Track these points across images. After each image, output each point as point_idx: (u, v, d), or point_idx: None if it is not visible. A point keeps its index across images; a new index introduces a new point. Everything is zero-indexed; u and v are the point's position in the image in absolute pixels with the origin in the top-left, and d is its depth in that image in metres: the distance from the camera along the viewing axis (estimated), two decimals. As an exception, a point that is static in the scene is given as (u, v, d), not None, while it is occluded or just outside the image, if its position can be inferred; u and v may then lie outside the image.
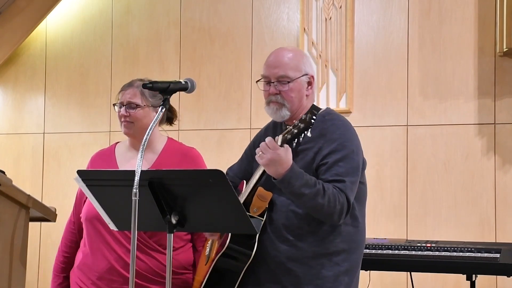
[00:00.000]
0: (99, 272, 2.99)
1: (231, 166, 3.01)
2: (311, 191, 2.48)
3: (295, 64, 2.70)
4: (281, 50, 2.79)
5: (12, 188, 2.44)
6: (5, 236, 2.40)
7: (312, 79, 2.74)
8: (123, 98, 3.06)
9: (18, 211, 2.44)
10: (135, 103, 3.04)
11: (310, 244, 2.59)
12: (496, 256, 3.34)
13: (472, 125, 4.41)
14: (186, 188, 2.35)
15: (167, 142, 3.13)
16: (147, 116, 3.05)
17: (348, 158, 2.59)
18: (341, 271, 2.61)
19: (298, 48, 2.89)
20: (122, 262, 2.95)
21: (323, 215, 2.54)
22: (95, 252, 3.01)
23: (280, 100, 2.69)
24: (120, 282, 2.96)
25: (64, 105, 5.46)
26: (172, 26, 5.18)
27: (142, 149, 2.31)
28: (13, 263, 2.40)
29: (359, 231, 2.69)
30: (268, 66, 2.74)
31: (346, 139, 2.63)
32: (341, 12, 4.70)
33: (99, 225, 2.98)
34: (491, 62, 4.38)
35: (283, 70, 2.69)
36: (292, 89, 2.68)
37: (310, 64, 2.76)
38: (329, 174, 2.57)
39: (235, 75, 4.99)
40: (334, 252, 2.61)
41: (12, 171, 5.38)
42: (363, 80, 4.66)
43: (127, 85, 3.10)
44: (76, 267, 3.09)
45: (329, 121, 2.66)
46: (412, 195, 4.51)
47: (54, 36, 5.51)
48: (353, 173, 2.59)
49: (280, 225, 2.61)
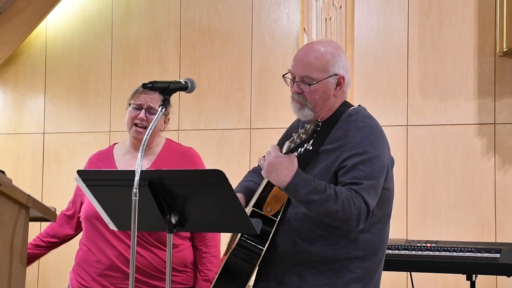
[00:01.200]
0: (99, 269, 3.00)
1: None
2: (321, 197, 2.37)
3: (321, 64, 2.55)
4: (311, 46, 2.64)
5: (12, 188, 2.44)
6: (5, 236, 2.40)
7: (342, 80, 2.57)
8: (143, 101, 3.01)
9: (18, 211, 2.44)
10: (155, 109, 3.00)
11: (321, 249, 2.50)
12: (496, 256, 3.33)
13: (472, 125, 4.41)
14: (186, 188, 2.34)
15: (165, 143, 3.14)
16: (160, 123, 3.06)
17: (369, 162, 2.45)
18: (354, 278, 2.52)
19: (333, 44, 2.65)
20: (122, 258, 2.96)
21: (339, 221, 2.41)
22: (96, 250, 3.02)
23: (302, 100, 2.57)
24: (121, 278, 2.97)
25: (64, 105, 5.45)
26: (172, 26, 5.18)
27: (142, 149, 2.31)
28: (13, 263, 2.41)
29: (376, 238, 2.56)
30: (295, 63, 2.59)
31: (369, 143, 2.49)
32: (341, 12, 4.70)
33: (98, 223, 2.99)
34: (491, 62, 4.38)
35: (307, 70, 2.54)
36: (316, 91, 2.54)
37: (342, 63, 2.58)
38: (348, 177, 2.44)
39: (235, 75, 4.99)
40: (347, 258, 2.51)
41: (12, 171, 5.38)
42: (363, 80, 4.66)
43: (144, 89, 3.02)
44: (76, 264, 3.10)
45: (352, 123, 2.54)
46: (412, 195, 4.51)
47: (54, 36, 5.51)
48: (373, 178, 2.45)
49: (291, 227, 2.53)
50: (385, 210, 2.60)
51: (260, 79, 4.91)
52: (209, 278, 3.07)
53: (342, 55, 2.61)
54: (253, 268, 2.54)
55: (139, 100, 3.02)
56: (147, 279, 2.96)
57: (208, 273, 3.07)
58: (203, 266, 3.09)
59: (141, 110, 3.01)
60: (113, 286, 2.98)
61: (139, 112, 3.01)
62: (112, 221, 2.57)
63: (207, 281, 3.07)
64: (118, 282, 2.98)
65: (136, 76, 5.17)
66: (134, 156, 3.05)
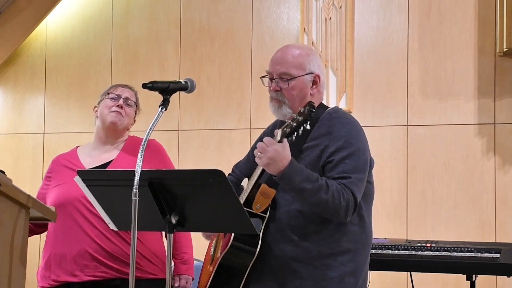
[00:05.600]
0: (71, 259, 3.00)
1: (237, 163, 2.97)
2: (313, 186, 2.45)
3: (299, 62, 2.66)
4: (287, 47, 2.76)
5: (12, 188, 2.44)
6: (5, 236, 2.39)
7: (317, 78, 2.69)
8: (121, 92, 3.15)
9: (18, 211, 2.44)
10: (132, 102, 3.16)
11: (314, 244, 2.56)
12: (496, 256, 3.33)
13: (472, 125, 4.41)
14: (186, 188, 2.35)
15: (128, 138, 3.22)
16: (131, 119, 3.20)
17: (355, 156, 2.55)
18: (347, 272, 2.58)
19: (308, 46, 2.85)
20: (95, 246, 2.97)
21: (329, 212, 2.50)
22: (67, 239, 3.01)
23: (280, 98, 2.66)
24: (94, 267, 2.98)
25: (64, 105, 5.45)
26: (172, 26, 5.18)
27: (142, 149, 2.32)
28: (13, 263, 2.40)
29: (365, 231, 2.65)
30: (272, 63, 2.71)
31: (353, 136, 2.59)
32: (341, 12, 4.70)
33: (72, 209, 3.00)
34: (491, 62, 4.38)
35: (285, 67, 2.66)
36: (293, 87, 2.65)
37: (317, 62, 2.71)
38: (335, 172, 2.53)
39: (235, 75, 4.99)
40: (339, 252, 2.57)
41: (12, 171, 5.38)
42: (363, 80, 4.66)
43: (120, 84, 3.21)
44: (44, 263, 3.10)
45: (335, 119, 2.64)
46: (412, 195, 4.51)
47: (54, 36, 5.51)
48: (359, 171, 2.55)
49: (284, 225, 2.57)
50: (370, 204, 2.70)
51: (260, 79, 4.90)
52: (186, 260, 3.13)
53: (317, 56, 2.76)
54: (247, 267, 2.56)
55: (117, 91, 3.16)
56: (121, 267, 2.97)
57: (184, 256, 3.14)
58: (178, 250, 3.13)
59: (119, 99, 3.13)
60: (87, 275, 2.99)
61: (117, 101, 3.13)
62: (112, 221, 2.57)
63: (185, 263, 3.13)
64: (91, 271, 2.98)
65: (136, 76, 5.16)
66: (103, 151, 3.17)
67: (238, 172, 2.90)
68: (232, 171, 2.95)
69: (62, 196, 3.05)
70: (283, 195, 2.59)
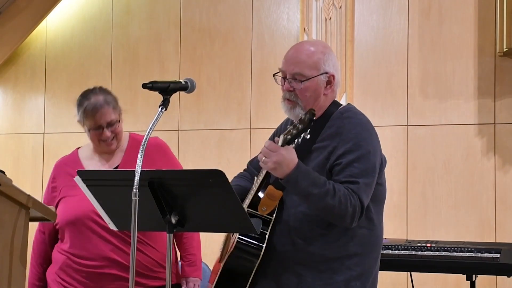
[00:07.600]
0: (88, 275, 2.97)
1: (252, 159, 2.89)
2: (320, 191, 2.39)
3: (313, 61, 2.57)
4: (302, 44, 2.68)
5: (12, 188, 2.44)
6: (5, 236, 2.40)
7: (332, 78, 2.59)
8: (100, 121, 3.03)
9: (18, 211, 2.44)
10: (115, 120, 3.05)
11: (320, 248, 2.50)
12: (496, 256, 3.33)
13: (472, 125, 4.41)
14: (186, 188, 2.34)
15: (130, 137, 3.18)
16: (121, 129, 3.12)
17: (364, 159, 2.48)
18: (353, 276, 2.52)
19: (323, 43, 2.74)
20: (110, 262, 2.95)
21: (334, 217, 2.44)
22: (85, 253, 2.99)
23: (293, 98, 2.58)
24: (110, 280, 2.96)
25: (64, 105, 5.45)
26: (172, 26, 5.18)
27: (142, 149, 2.31)
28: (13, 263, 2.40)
29: (374, 234, 2.58)
30: (286, 61, 2.62)
31: (362, 138, 2.51)
32: (341, 12, 4.70)
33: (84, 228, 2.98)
34: (491, 62, 4.38)
35: (299, 67, 2.56)
36: (307, 88, 2.56)
37: (332, 61, 2.60)
38: (343, 175, 2.46)
39: (235, 75, 4.99)
40: (346, 255, 2.51)
41: (12, 171, 5.38)
42: (363, 80, 4.66)
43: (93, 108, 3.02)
44: (58, 268, 3.06)
45: (346, 119, 2.56)
46: (412, 195, 4.51)
47: (54, 36, 5.51)
48: (368, 175, 2.48)
49: (290, 227, 2.52)
50: (380, 206, 2.63)
51: (260, 79, 4.91)
52: (193, 262, 3.11)
53: (332, 54, 2.64)
54: (252, 270, 2.52)
55: (94, 122, 3.04)
56: (140, 279, 2.95)
57: (191, 258, 3.12)
58: (186, 252, 3.12)
59: (102, 129, 3.03)
60: None
61: (101, 131, 3.04)
62: (112, 221, 2.57)
63: (191, 265, 3.10)
64: (108, 283, 2.96)
65: (136, 76, 5.16)
66: (101, 158, 3.13)
67: (252, 169, 2.83)
68: (247, 167, 2.89)
69: (71, 214, 3.00)
70: (291, 196, 2.53)
